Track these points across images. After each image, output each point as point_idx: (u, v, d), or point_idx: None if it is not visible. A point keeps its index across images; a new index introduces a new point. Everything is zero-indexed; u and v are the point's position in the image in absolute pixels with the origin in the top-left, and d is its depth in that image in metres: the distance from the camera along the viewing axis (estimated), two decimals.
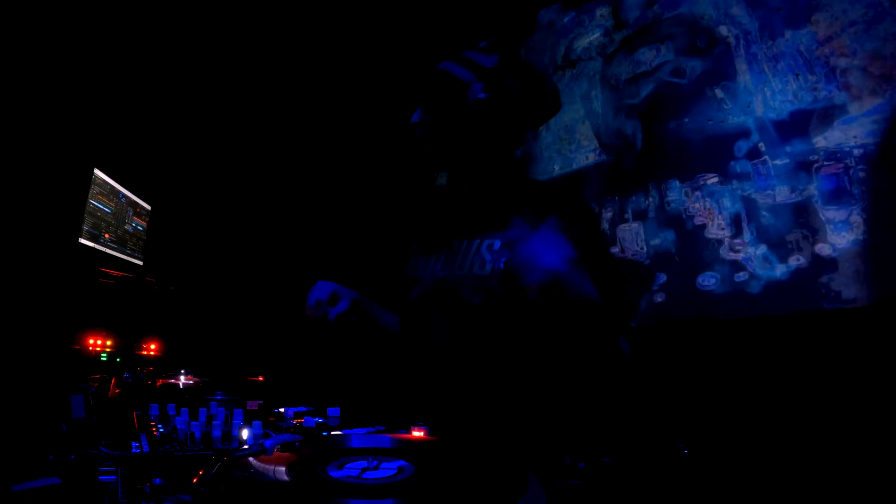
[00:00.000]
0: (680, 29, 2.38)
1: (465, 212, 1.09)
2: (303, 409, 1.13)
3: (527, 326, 0.99)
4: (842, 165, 1.92)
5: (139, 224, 2.92)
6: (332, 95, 3.36)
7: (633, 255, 2.44)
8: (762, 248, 2.07)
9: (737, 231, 2.14)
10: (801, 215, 1.99)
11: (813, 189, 1.97)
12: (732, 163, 2.17)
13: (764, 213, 2.08)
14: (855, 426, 1.70)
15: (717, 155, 2.22)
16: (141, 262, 2.91)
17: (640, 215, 2.43)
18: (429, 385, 1.07)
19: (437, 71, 1.02)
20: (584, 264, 0.94)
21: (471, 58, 1.00)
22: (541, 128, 2.74)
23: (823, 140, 1.96)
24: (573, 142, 2.73)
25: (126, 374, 1.46)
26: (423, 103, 1.04)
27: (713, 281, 2.19)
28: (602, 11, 2.67)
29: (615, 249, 2.49)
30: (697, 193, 2.26)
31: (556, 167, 2.78)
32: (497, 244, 0.99)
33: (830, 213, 1.93)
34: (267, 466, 0.63)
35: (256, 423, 0.83)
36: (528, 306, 0.95)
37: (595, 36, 2.69)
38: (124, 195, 2.74)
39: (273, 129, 3.43)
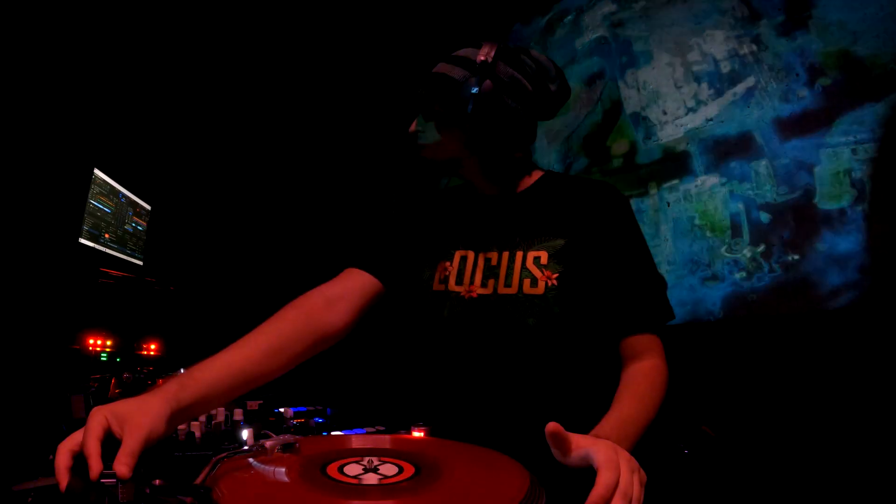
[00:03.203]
0: None
1: (495, 217, 1.00)
2: (303, 409, 1.13)
3: (586, 340, 0.94)
4: (841, 164, 1.92)
5: (139, 224, 2.92)
6: (333, 94, 3.36)
7: None
8: (761, 248, 2.07)
9: (736, 230, 2.14)
10: (801, 214, 1.99)
11: (812, 188, 1.97)
12: (732, 162, 2.17)
13: (763, 212, 2.08)
14: (854, 427, 1.70)
15: (715, 154, 2.22)
16: (141, 262, 2.91)
17: (640, 215, 2.43)
18: (464, 408, 0.96)
19: (432, 75, 0.97)
20: (642, 255, 0.95)
21: (463, 55, 0.96)
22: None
23: (822, 139, 1.96)
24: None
25: (126, 374, 1.46)
26: (422, 110, 0.99)
27: (712, 281, 2.19)
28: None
29: None
30: (697, 193, 2.26)
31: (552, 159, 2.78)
32: (544, 257, 0.93)
33: (831, 213, 1.93)
34: (267, 467, 0.63)
35: (249, 429, 0.84)
36: (591, 319, 0.93)
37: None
38: (124, 195, 2.74)
39: (273, 128, 3.43)
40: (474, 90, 0.91)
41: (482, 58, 0.92)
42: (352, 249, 1.03)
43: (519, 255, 0.94)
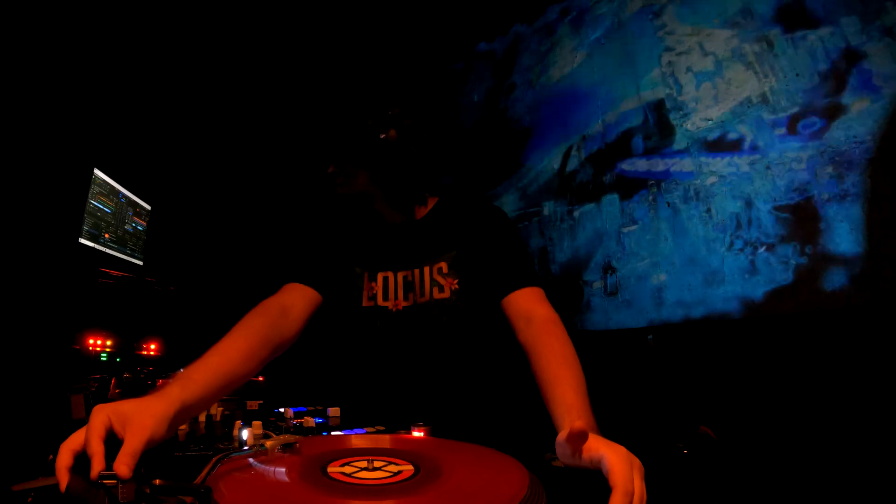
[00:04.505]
0: None
1: (404, 242, 1.22)
2: (303, 409, 1.13)
3: (495, 325, 1.17)
4: (842, 164, 1.92)
5: (139, 224, 2.92)
6: (332, 93, 3.36)
7: (635, 256, 2.44)
8: (762, 248, 2.07)
9: (736, 230, 2.14)
10: (801, 214, 1.99)
11: (812, 188, 1.97)
12: (732, 161, 2.17)
13: (764, 212, 2.08)
14: (854, 427, 1.70)
15: (716, 154, 2.22)
16: (141, 262, 2.92)
17: (642, 216, 2.43)
18: (417, 393, 1.18)
19: (349, 122, 1.18)
20: (518, 254, 1.15)
21: (376, 107, 1.17)
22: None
23: (824, 139, 1.96)
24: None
25: (126, 374, 1.46)
26: (339, 152, 1.18)
27: (711, 280, 2.19)
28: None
29: (619, 250, 2.49)
30: (698, 192, 2.26)
31: (556, 166, 2.78)
32: (444, 267, 1.16)
33: (831, 213, 1.93)
34: (267, 467, 0.63)
35: (249, 429, 0.84)
36: (492, 310, 1.13)
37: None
38: (124, 195, 2.74)
39: (272, 128, 3.43)
40: (381, 137, 1.13)
41: (390, 112, 1.15)
42: (289, 267, 1.21)
43: (427, 269, 1.17)
